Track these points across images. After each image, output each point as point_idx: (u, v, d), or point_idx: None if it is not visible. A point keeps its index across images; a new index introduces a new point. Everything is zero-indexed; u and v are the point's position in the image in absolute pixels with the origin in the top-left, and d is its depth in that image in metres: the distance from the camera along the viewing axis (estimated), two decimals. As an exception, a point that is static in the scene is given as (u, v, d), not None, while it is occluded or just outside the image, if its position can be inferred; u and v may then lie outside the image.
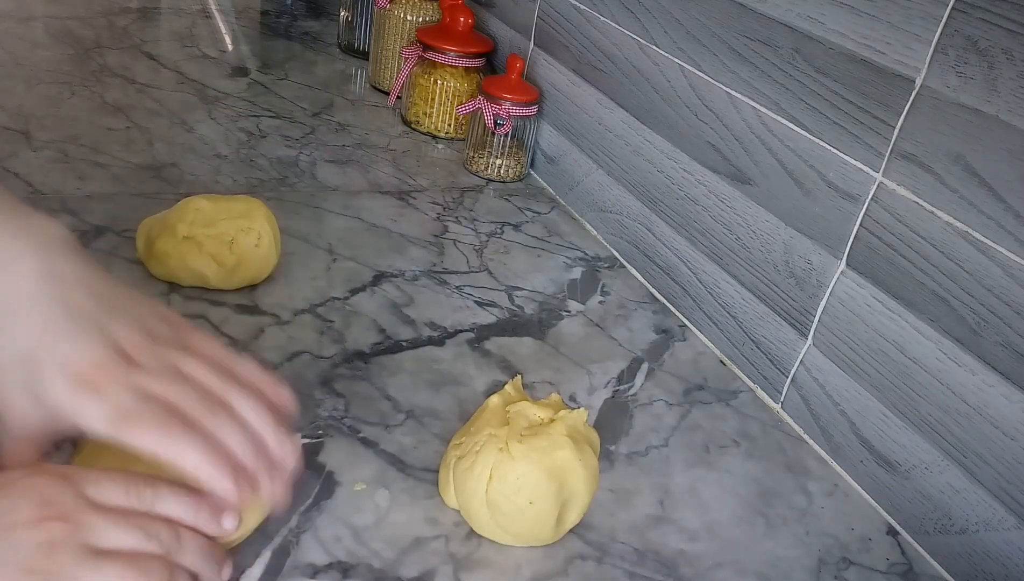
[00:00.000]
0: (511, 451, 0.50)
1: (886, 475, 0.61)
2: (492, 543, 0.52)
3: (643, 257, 0.85)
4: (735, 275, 0.73)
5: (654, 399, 0.68)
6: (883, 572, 0.56)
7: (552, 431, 0.51)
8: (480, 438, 0.52)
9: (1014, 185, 0.51)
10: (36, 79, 1.00)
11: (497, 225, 0.89)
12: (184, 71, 1.11)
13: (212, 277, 0.67)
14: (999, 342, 0.53)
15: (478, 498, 0.50)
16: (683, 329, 0.78)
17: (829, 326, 0.65)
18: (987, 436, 0.54)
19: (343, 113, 1.08)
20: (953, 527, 0.56)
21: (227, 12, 1.38)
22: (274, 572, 0.47)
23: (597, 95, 0.90)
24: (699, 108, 0.76)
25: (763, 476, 0.62)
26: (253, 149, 0.93)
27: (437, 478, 0.55)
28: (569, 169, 0.96)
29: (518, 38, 1.06)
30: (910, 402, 0.59)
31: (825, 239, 0.64)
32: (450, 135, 1.07)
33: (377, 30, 1.15)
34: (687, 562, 0.54)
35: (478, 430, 0.53)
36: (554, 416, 0.53)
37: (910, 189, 0.57)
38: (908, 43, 0.56)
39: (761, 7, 0.68)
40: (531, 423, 0.53)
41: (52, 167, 0.82)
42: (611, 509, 0.56)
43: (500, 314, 0.74)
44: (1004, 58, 0.51)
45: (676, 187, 0.80)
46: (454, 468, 0.52)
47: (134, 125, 0.93)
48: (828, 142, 0.63)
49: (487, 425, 0.52)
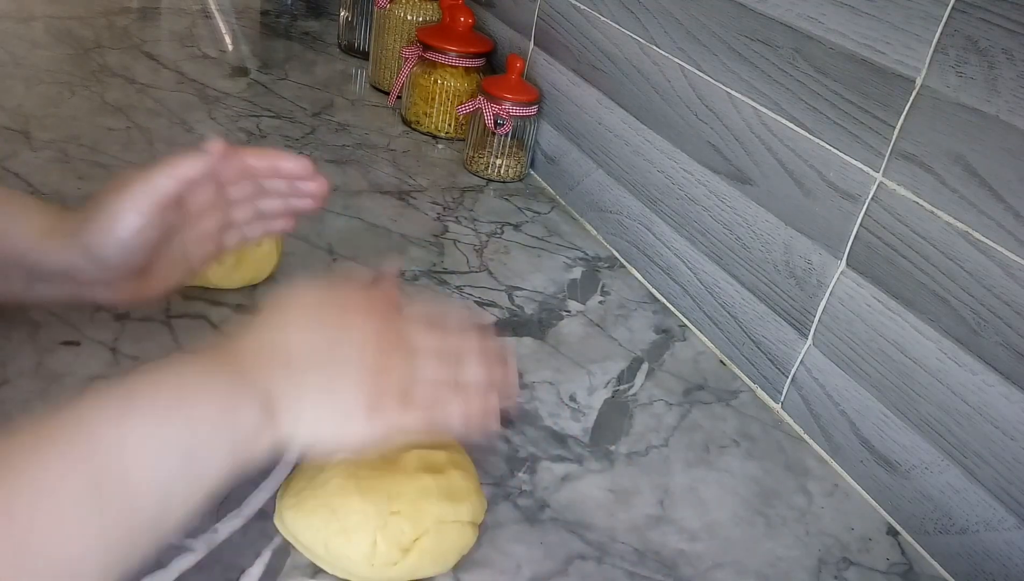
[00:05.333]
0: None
1: (886, 475, 0.61)
2: (492, 543, 0.52)
3: (643, 257, 0.85)
4: (735, 275, 0.73)
5: (654, 399, 0.68)
6: (883, 572, 0.56)
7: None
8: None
9: (1014, 185, 0.51)
10: (36, 79, 1.00)
11: (497, 225, 0.89)
12: (184, 71, 1.11)
13: (212, 276, 0.67)
14: (999, 342, 0.53)
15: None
16: (683, 329, 0.78)
17: (829, 326, 0.65)
18: (987, 436, 0.54)
19: (343, 113, 1.08)
20: (953, 527, 0.56)
21: (227, 12, 1.38)
22: (274, 572, 0.47)
23: (597, 95, 0.90)
24: (699, 108, 0.76)
25: (763, 476, 0.62)
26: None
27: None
28: (569, 169, 0.96)
29: (518, 38, 1.06)
30: (910, 402, 0.59)
31: (825, 239, 0.64)
32: (450, 135, 1.07)
33: (377, 30, 1.15)
34: (687, 562, 0.54)
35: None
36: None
37: (910, 189, 0.57)
38: (908, 43, 0.56)
39: (761, 7, 0.68)
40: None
41: (52, 167, 0.82)
42: (611, 509, 0.56)
43: (500, 314, 0.74)
44: (1004, 58, 0.51)
45: (676, 187, 0.80)
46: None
47: (134, 125, 0.93)
48: (828, 142, 0.63)
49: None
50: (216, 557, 0.47)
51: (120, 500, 0.34)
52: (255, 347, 0.42)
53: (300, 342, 0.43)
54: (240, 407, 0.39)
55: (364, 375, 0.43)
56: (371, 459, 0.49)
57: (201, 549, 0.47)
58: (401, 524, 0.47)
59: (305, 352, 0.43)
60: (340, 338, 0.44)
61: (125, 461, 0.35)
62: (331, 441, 0.44)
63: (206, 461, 0.38)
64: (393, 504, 0.47)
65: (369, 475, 0.48)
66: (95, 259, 0.50)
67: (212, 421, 0.38)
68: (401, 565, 0.47)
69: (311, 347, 0.43)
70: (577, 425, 0.63)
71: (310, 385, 0.42)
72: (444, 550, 0.48)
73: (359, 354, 0.44)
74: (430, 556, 0.48)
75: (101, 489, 0.33)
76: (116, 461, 0.34)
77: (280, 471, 0.53)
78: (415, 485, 0.48)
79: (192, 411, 0.38)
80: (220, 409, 0.39)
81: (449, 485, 0.49)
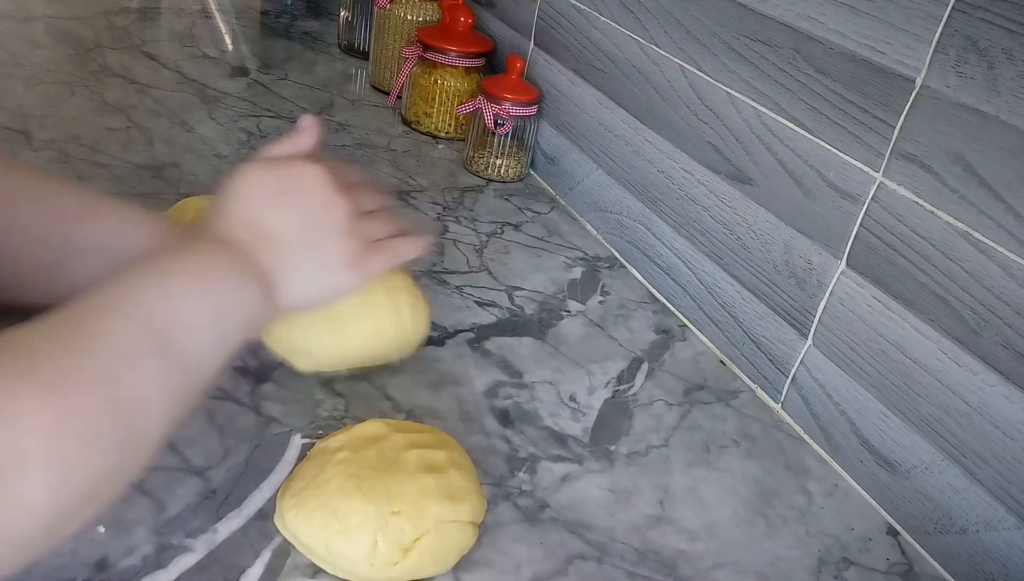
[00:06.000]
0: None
1: (886, 475, 0.61)
2: (492, 543, 0.52)
3: (643, 257, 0.85)
4: (735, 275, 0.73)
5: (654, 399, 0.68)
6: (883, 572, 0.56)
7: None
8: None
9: (1014, 185, 0.51)
10: (36, 79, 1.00)
11: (497, 225, 0.89)
12: (184, 71, 1.11)
13: None
14: (999, 342, 0.53)
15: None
16: (683, 329, 0.78)
17: (829, 326, 0.65)
18: (987, 436, 0.54)
19: (343, 113, 1.08)
20: (953, 527, 0.56)
21: (227, 12, 1.38)
22: (274, 572, 0.47)
23: (597, 95, 0.90)
24: (699, 108, 0.76)
25: (763, 476, 0.62)
26: (253, 149, 0.93)
27: None
28: (569, 169, 0.96)
29: (518, 38, 1.06)
30: (910, 402, 0.59)
31: (825, 239, 0.64)
32: (450, 135, 1.07)
33: (377, 30, 1.15)
34: (687, 562, 0.54)
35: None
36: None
37: (910, 189, 0.57)
38: (908, 43, 0.56)
39: (761, 7, 0.68)
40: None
41: (52, 167, 0.82)
42: (611, 509, 0.56)
43: (500, 314, 0.74)
44: (1004, 58, 0.51)
45: (676, 187, 0.80)
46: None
47: (134, 125, 0.93)
48: (828, 142, 0.63)
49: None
50: (216, 557, 0.47)
51: (175, 357, 0.41)
52: (242, 233, 0.49)
53: (277, 221, 0.51)
54: (247, 284, 0.47)
55: (336, 238, 0.53)
56: (371, 459, 0.49)
57: (201, 549, 0.47)
58: (402, 524, 0.47)
59: (284, 230, 0.51)
60: (309, 212, 0.52)
61: (174, 326, 0.41)
62: (321, 298, 0.54)
63: (230, 329, 0.45)
64: (394, 504, 0.47)
65: (369, 475, 0.48)
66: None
67: (231, 295, 0.46)
68: (401, 565, 0.47)
69: (288, 224, 0.51)
70: (577, 425, 0.63)
71: (296, 257, 0.51)
72: (444, 550, 0.48)
73: (328, 221, 0.52)
74: (430, 556, 0.48)
75: (161, 348, 0.40)
76: (168, 326, 0.41)
77: (280, 471, 0.53)
78: (415, 485, 0.48)
79: (217, 286, 0.46)
80: (234, 286, 0.47)
81: (449, 485, 0.49)
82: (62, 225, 0.53)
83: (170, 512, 0.49)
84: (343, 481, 0.48)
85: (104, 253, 0.54)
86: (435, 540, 0.48)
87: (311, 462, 0.50)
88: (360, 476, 0.48)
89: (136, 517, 0.48)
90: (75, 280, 0.53)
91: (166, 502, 0.50)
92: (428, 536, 0.47)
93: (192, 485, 0.51)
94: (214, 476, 0.52)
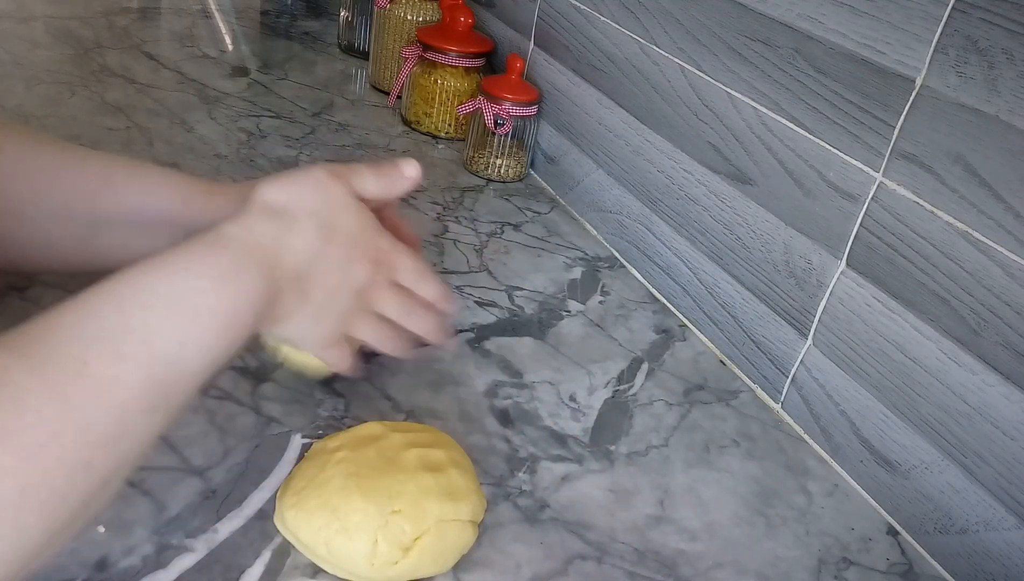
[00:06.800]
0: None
1: (886, 475, 0.61)
2: (492, 543, 0.52)
3: (643, 257, 0.85)
4: (735, 275, 0.73)
5: (654, 399, 0.68)
6: (883, 572, 0.56)
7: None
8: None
9: (1014, 185, 0.51)
10: (36, 79, 1.00)
11: (497, 225, 0.89)
12: (184, 71, 1.11)
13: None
14: (999, 342, 0.53)
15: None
16: (683, 329, 0.78)
17: (829, 326, 0.65)
18: (987, 436, 0.54)
19: (343, 113, 1.08)
20: (953, 527, 0.56)
21: (227, 12, 1.38)
22: (274, 572, 0.47)
23: (597, 95, 0.90)
24: (699, 108, 0.76)
25: (763, 476, 0.62)
26: (253, 149, 0.93)
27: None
28: (569, 169, 0.96)
29: (518, 38, 1.06)
30: (910, 402, 0.59)
31: (825, 239, 0.64)
32: (450, 135, 1.07)
33: (377, 30, 1.15)
34: (687, 562, 0.54)
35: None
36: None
37: (910, 189, 0.57)
38: (908, 43, 0.56)
39: (761, 7, 0.68)
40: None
41: (52, 167, 0.82)
42: (611, 509, 0.56)
43: (500, 314, 0.74)
44: (1004, 58, 0.51)
45: (676, 187, 0.80)
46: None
47: (134, 125, 0.93)
48: (828, 142, 0.63)
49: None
50: (216, 557, 0.47)
51: (167, 406, 0.39)
52: (275, 246, 0.46)
53: (313, 257, 0.48)
54: (257, 298, 0.44)
55: (345, 317, 0.51)
56: (371, 459, 0.49)
57: (201, 549, 0.47)
58: (402, 523, 0.47)
59: (314, 272, 0.48)
60: (342, 275, 0.50)
61: (178, 373, 0.39)
62: (292, 343, 0.52)
63: (224, 350, 0.42)
64: (394, 503, 0.47)
65: (369, 474, 0.48)
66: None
67: (247, 303, 0.43)
68: (402, 564, 0.47)
69: (321, 270, 0.48)
70: (577, 425, 0.63)
71: (305, 304, 0.48)
72: (445, 549, 0.48)
73: (347, 298, 0.50)
74: (431, 555, 0.48)
75: (155, 404, 0.38)
76: (171, 376, 0.39)
77: (280, 471, 0.53)
78: (415, 484, 0.48)
79: (227, 322, 0.42)
80: (249, 298, 0.44)
81: (449, 484, 0.49)
82: (84, 200, 0.54)
83: (170, 512, 0.49)
84: (343, 480, 0.48)
85: (130, 223, 0.54)
86: (435, 539, 0.48)
87: (311, 462, 0.50)
88: (360, 475, 0.48)
89: (136, 517, 0.48)
90: (107, 251, 0.54)
91: (166, 502, 0.50)
92: (428, 535, 0.47)
93: (192, 485, 0.51)
94: (214, 476, 0.52)
